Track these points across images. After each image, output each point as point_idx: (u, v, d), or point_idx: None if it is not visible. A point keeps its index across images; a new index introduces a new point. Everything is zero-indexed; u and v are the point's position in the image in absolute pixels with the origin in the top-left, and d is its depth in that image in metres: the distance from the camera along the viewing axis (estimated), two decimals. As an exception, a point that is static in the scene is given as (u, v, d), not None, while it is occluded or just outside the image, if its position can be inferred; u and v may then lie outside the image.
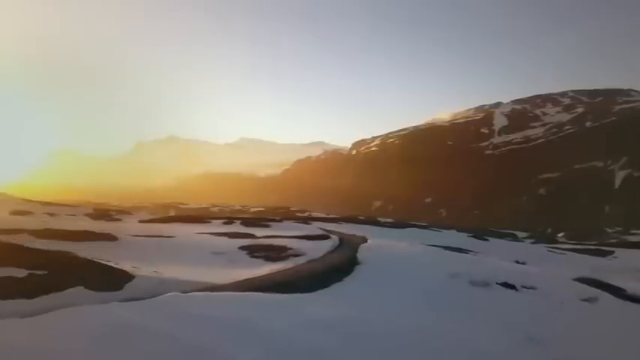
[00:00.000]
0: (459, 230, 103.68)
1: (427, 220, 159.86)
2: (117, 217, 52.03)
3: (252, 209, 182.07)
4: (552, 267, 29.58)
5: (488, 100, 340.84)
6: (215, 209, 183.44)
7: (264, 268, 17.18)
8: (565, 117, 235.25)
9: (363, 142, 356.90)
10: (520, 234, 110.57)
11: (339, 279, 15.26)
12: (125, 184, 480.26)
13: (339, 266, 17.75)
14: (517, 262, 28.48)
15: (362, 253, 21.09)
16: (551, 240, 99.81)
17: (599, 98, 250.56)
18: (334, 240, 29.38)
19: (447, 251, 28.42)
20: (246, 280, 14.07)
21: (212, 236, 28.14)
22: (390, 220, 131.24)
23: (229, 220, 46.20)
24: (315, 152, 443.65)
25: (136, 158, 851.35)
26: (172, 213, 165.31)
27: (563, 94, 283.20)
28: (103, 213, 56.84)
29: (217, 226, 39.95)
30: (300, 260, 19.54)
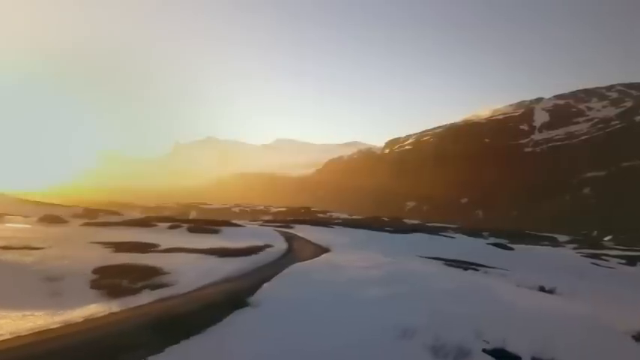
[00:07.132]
0: (493, 233, 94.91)
1: (462, 222, 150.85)
2: (68, 219, 45.99)
3: (274, 209, 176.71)
4: (596, 297, 20.70)
5: (529, 96, 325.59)
6: (236, 209, 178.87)
7: (71, 313, 10.03)
8: (612, 112, 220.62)
9: (396, 140, 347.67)
10: (561, 238, 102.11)
11: (157, 348, 7.65)
12: (163, 184, 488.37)
13: (198, 313, 10.03)
14: (542, 288, 19.52)
15: (276, 282, 13.40)
16: (596, 245, 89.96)
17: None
18: (263, 256, 21.71)
19: (445, 268, 20.38)
20: None
21: (101, 247, 21.01)
22: (415, 221, 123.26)
23: (176, 224, 39.32)
24: (350, 152, 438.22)
25: (175, 159, 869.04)
26: (193, 213, 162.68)
27: (610, 88, 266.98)
28: (76, 214, 51.54)
29: (151, 232, 33.14)
30: (150, 297, 12.16)
